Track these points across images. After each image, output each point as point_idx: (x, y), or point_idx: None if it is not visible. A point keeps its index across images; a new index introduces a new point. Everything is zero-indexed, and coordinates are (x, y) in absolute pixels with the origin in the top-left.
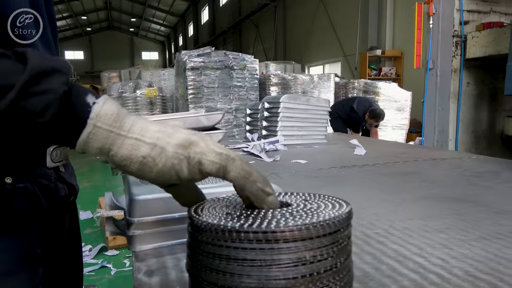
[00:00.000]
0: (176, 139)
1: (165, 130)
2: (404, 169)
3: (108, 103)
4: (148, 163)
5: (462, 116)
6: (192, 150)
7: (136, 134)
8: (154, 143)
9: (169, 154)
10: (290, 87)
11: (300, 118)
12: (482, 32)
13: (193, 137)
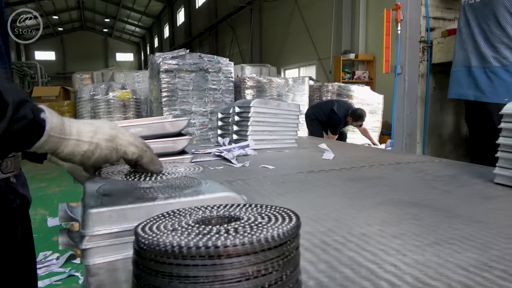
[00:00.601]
0: (104, 134)
1: (95, 129)
2: (369, 173)
3: (54, 116)
4: (88, 155)
5: (429, 120)
6: (117, 142)
7: (75, 136)
8: (91, 141)
9: (103, 147)
10: (265, 90)
11: (270, 122)
12: (446, 38)
13: (114, 132)
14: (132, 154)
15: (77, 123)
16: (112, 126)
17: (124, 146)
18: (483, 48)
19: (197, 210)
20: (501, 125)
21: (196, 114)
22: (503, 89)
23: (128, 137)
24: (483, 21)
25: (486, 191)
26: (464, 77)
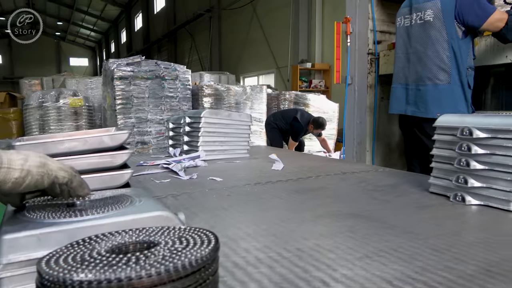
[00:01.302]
0: (34, 162)
1: (24, 157)
2: (315, 184)
3: None
4: (19, 181)
5: (378, 129)
6: (48, 168)
7: (6, 164)
8: (22, 168)
9: (34, 173)
10: (223, 98)
11: (222, 133)
12: (392, 50)
13: (43, 159)
14: (62, 178)
15: (5, 153)
16: (39, 154)
17: (55, 171)
18: (418, 68)
19: (115, 235)
20: (435, 137)
21: (152, 122)
22: (436, 106)
23: (57, 163)
24: (418, 43)
25: (422, 200)
26: (402, 93)
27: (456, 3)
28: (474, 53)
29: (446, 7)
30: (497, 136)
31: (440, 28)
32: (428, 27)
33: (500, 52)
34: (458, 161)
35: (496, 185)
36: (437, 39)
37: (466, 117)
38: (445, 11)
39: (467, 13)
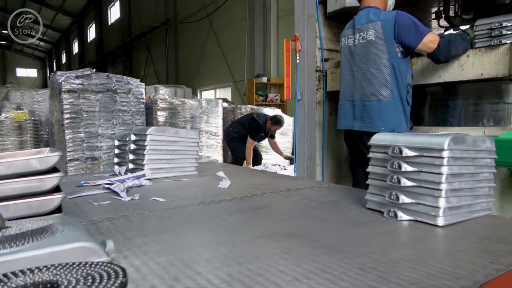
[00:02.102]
0: None
1: None
2: (259, 202)
3: None
4: None
5: (327, 143)
6: None
7: None
8: None
9: None
10: (178, 112)
11: (168, 150)
12: (338, 68)
13: None
14: None
15: None
16: None
17: None
18: (363, 84)
19: (18, 275)
20: (370, 155)
21: (103, 136)
22: (380, 120)
23: None
24: (362, 62)
25: (358, 217)
26: (349, 110)
27: (395, 25)
28: (412, 73)
29: (386, 28)
30: (423, 154)
31: (381, 48)
32: (371, 46)
33: (434, 72)
34: (390, 178)
35: (424, 200)
36: (379, 57)
37: (398, 136)
38: (385, 32)
39: (404, 34)
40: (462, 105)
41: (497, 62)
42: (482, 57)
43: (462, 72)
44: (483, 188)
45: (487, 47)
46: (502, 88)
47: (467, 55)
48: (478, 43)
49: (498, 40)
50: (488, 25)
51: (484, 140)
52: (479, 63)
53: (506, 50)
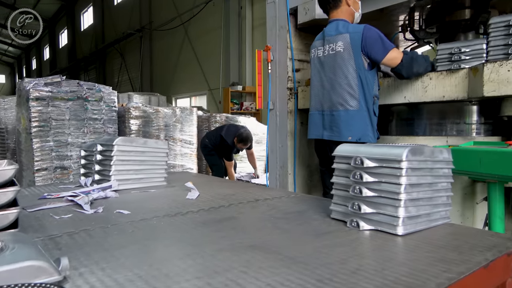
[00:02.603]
0: None
1: None
2: (225, 214)
3: None
4: None
5: (298, 153)
6: None
7: None
8: None
9: None
10: (151, 121)
11: (136, 161)
12: (308, 86)
13: None
14: None
15: None
16: None
17: None
18: (332, 94)
19: None
20: (334, 166)
21: (73, 145)
22: (347, 130)
23: None
24: (331, 72)
25: (321, 227)
26: (318, 119)
27: (362, 38)
28: (379, 84)
29: (354, 40)
30: (383, 165)
31: (349, 59)
32: (339, 57)
33: (399, 92)
34: (352, 189)
35: (384, 210)
36: (347, 68)
37: (360, 147)
38: (353, 44)
39: (371, 48)
40: (427, 124)
41: (457, 85)
42: (443, 80)
43: (426, 93)
44: (441, 197)
45: (448, 71)
46: (463, 109)
47: (430, 77)
48: (440, 66)
49: (458, 65)
50: (448, 50)
51: (441, 151)
52: (441, 86)
53: (465, 74)
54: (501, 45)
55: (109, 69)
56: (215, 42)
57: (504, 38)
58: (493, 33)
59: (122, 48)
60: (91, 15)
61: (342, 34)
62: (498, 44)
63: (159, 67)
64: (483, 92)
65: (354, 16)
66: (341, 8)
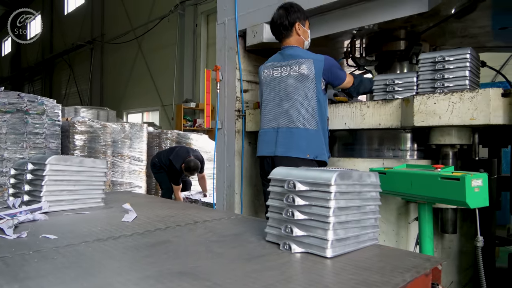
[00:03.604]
0: None
1: None
2: (160, 237)
3: None
4: None
5: (245, 172)
6: None
7: None
8: None
9: None
10: (98, 136)
11: (71, 181)
12: (256, 110)
13: None
14: None
15: None
16: None
17: None
18: (291, 113)
19: None
20: (269, 188)
21: (10, 161)
22: (307, 147)
23: None
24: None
25: (255, 250)
26: (271, 136)
27: (324, 65)
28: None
29: (317, 66)
30: (314, 189)
31: (311, 82)
32: (303, 79)
33: (340, 119)
34: (286, 212)
35: (315, 233)
36: (309, 90)
37: (292, 170)
38: (316, 69)
39: (333, 74)
40: (366, 149)
41: (391, 114)
42: (379, 109)
43: (364, 121)
44: (369, 220)
45: (383, 100)
46: (398, 136)
47: (368, 106)
48: (376, 96)
49: (392, 95)
50: (383, 81)
51: (369, 175)
52: (377, 114)
53: (398, 104)
54: (429, 79)
55: (57, 80)
56: (169, 58)
57: (431, 73)
58: (422, 68)
59: (72, 59)
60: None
61: (306, 59)
62: (426, 78)
63: (111, 80)
64: (413, 122)
65: (304, 44)
66: (293, 36)
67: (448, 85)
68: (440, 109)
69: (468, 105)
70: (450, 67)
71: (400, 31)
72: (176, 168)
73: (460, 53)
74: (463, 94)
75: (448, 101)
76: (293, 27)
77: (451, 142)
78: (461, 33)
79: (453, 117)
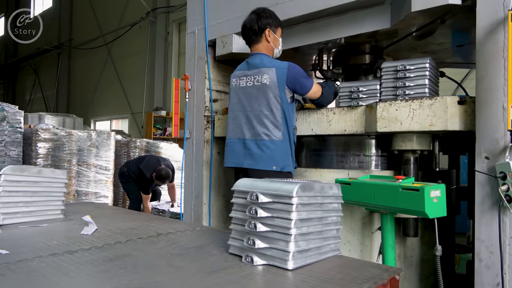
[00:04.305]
0: None
1: None
2: (119, 251)
3: None
4: None
5: (214, 182)
6: None
7: None
8: None
9: None
10: (63, 144)
11: (28, 192)
12: (225, 115)
13: None
14: None
15: None
16: None
17: None
18: (256, 124)
19: None
20: (232, 200)
21: None
22: (272, 159)
23: None
24: (256, 103)
25: (217, 263)
26: (238, 148)
27: (287, 73)
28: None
29: (280, 75)
30: (276, 201)
31: (274, 92)
32: (265, 90)
33: (307, 125)
34: (248, 224)
35: (277, 245)
36: (272, 101)
37: (256, 182)
38: (279, 78)
39: (297, 83)
40: (333, 155)
41: (356, 120)
42: (345, 115)
43: (330, 127)
44: (331, 231)
45: (349, 107)
46: (363, 142)
47: (334, 112)
48: (342, 103)
49: (357, 102)
50: (348, 88)
51: (331, 187)
52: (343, 120)
53: (363, 111)
54: (391, 87)
55: (21, 85)
56: (139, 65)
57: (393, 81)
58: (384, 76)
59: (37, 64)
60: (2, 26)
61: (268, 67)
62: (389, 86)
63: (78, 87)
64: (376, 128)
65: (274, 52)
66: (262, 43)
67: (409, 93)
68: (402, 116)
69: (427, 112)
70: (411, 75)
71: (365, 46)
72: (147, 177)
73: (419, 62)
74: (422, 101)
75: (409, 108)
76: (263, 32)
77: (412, 147)
78: (422, 49)
79: (413, 123)
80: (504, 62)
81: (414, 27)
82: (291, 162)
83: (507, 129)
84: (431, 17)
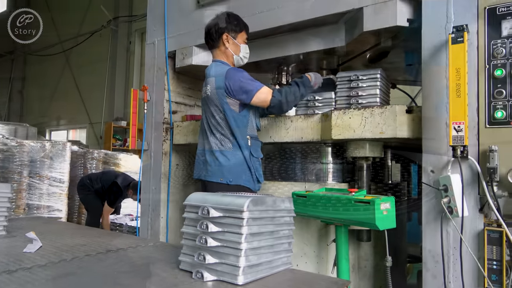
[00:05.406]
0: None
1: None
2: (63, 270)
3: None
4: None
5: (173, 196)
6: None
7: None
8: None
9: None
10: (13, 155)
11: None
12: (184, 122)
13: None
14: None
15: None
16: None
17: None
18: (209, 135)
19: None
20: (184, 215)
21: None
22: (219, 170)
23: None
24: (208, 113)
25: (167, 280)
26: (200, 159)
27: (225, 78)
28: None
29: (218, 83)
30: (227, 215)
31: (216, 102)
32: (210, 101)
33: (266, 133)
34: (199, 239)
35: (227, 260)
36: (216, 111)
37: (207, 196)
38: (218, 87)
39: (236, 91)
40: (292, 163)
41: (312, 128)
42: (302, 123)
43: (288, 134)
44: (282, 244)
45: (305, 115)
46: (320, 150)
47: (291, 120)
48: (299, 111)
49: (313, 110)
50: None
51: (283, 200)
52: (300, 128)
53: (319, 119)
54: (345, 96)
55: None
56: (99, 74)
57: (347, 90)
58: (339, 86)
59: None
60: None
61: (212, 77)
62: (343, 95)
63: (33, 95)
64: (331, 135)
65: (234, 58)
66: (219, 48)
67: (361, 102)
68: (355, 123)
69: (378, 120)
70: (363, 85)
71: (323, 61)
72: (122, 191)
73: (372, 73)
74: (374, 109)
75: (361, 116)
76: (220, 37)
77: (365, 154)
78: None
79: (365, 131)
80: (446, 82)
81: (368, 46)
82: (246, 176)
83: (449, 145)
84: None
